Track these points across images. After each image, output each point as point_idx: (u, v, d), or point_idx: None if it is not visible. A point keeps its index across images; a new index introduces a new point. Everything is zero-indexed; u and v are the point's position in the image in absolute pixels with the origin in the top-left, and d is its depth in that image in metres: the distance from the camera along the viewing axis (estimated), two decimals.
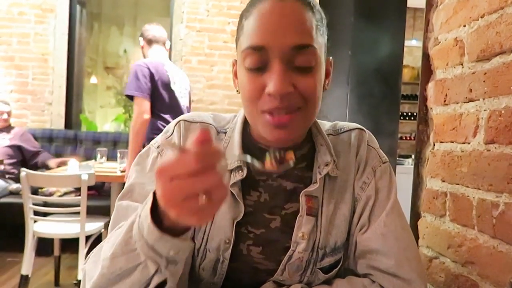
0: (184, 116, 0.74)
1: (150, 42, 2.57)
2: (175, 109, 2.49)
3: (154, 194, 0.49)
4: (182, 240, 0.50)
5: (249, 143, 0.72)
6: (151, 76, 2.36)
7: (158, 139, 0.73)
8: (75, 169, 2.60)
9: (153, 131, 2.43)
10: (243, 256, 0.69)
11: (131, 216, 0.54)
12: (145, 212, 0.49)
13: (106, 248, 0.56)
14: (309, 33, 0.61)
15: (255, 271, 0.70)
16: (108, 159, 3.06)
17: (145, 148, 0.74)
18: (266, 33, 0.60)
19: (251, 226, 0.70)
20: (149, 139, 2.45)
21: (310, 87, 0.62)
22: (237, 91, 0.70)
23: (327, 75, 0.70)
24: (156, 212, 0.48)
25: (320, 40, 0.64)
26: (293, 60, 0.60)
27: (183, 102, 2.58)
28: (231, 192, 0.68)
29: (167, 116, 2.46)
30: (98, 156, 3.00)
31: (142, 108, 2.34)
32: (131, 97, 2.38)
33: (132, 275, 0.52)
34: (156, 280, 0.52)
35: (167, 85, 2.44)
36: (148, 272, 0.52)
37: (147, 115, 2.35)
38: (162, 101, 2.43)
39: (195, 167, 0.39)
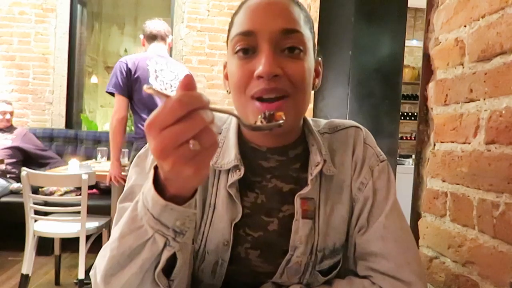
0: None
1: (148, 38, 2.50)
2: (151, 107, 2.33)
3: (155, 168, 0.49)
4: (187, 208, 0.49)
5: (243, 144, 0.71)
6: (128, 72, 2.29)
7: None
8: (76, 168, 2.61)
9: (138, 130, 2.38)
10: (241, 259, 0.69)
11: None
12: (148, 186, 0.49)
13: (112, 235, 0.55)
14: (297, 20, 0.63)
15: (254, 274, 0.69)
16: (108, 159, 3.07)
17: (143, 149, 0.73)
18: (254, 19, 0.62)
19: (249, 229, 0.69)
20: (135, 138, 2.40)
21: (299, 71, 0.62)
22: (227, 91, 0.70)
23: (317, 75, 0.71)
24: (158, 186, 0.48)
25: (307, 33, 0.65)
26: (281, 44, 0.61)
27: None
28: (229, 193, 0.67)
29: (143, 115, 2.34)
30: (99, 155, 3.01)
31: (117, 105, 2.29)
32: (113, 95, 2.33)
33: (141, 253, 0.51)
34: (166, 255, 0.51)
35: (145, 80, 2.33)
36: (158, 247, 0.51)
37: (121, 114, 2.28)
38: (140, 98, 2.34)
39: (180, 112, 0.39)
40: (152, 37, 2.49)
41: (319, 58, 0.72)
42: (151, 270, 0.53)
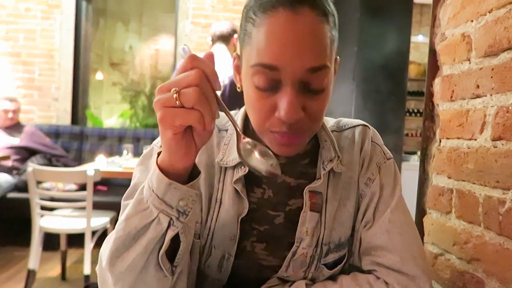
0: None
1: (212, 40, 2.53)
2: None
3: (158, 153, 0.54)
4: (190, 188, 0.53)
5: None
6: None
7: None
8: (103, 164, 2.64)
9: None
10: (247, 253, 0.69)
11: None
12: (153, 168, 0.53)
13: (119, 220, 0.57)
14: (325, 52, 0.57)
15: (260, 268, 0.70)
16: (134, 155, 3.11)
17: (148, 148, 0.74)
18: (279, 53, 0.55)
19: (254, 223, 0.70)
20: None
21: (320, 110, 0.60)
22: (238, 88, 0.68)
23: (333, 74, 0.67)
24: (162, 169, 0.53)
25: (333, 54, 0.61)
26: (306, 83, 0.57)
27: None
28: (235, 188, 0.68)
29: None
30: (124, 152, 3.03)
31: None
32: None
33: (146, 233, 0.53)
34: (170, 234, 0.53)
35: None
36: (162, 228, 0.53)
37: None
38: None
39: (185, 65, 0.48)
40: (214, 39, 2.52)
41: (338, 57, 0.67)
42: (155, 252, 0.55)
